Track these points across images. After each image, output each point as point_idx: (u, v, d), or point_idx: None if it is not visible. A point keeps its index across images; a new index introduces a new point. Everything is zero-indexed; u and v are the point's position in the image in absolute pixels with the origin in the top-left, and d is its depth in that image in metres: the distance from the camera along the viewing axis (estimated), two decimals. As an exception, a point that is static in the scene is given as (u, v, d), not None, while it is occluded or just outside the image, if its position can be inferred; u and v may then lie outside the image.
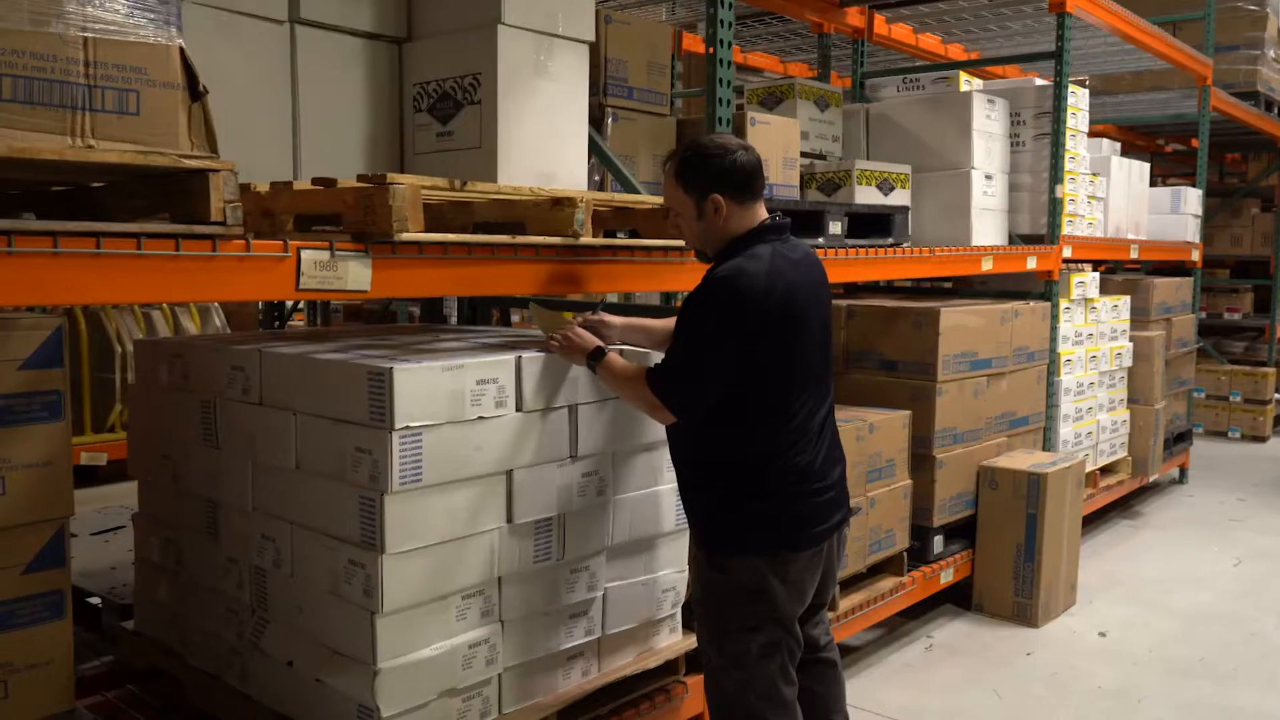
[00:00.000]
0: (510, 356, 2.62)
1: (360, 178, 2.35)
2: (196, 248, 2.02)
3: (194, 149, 2.03)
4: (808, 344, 2.62)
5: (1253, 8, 8.17)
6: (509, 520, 2.65)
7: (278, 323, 5.75)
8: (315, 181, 2.44)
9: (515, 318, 7.57)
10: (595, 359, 2.69)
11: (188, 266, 2.02)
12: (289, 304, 6.74)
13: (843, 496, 2.77)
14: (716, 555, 2.65)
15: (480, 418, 2.54)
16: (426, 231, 2.40)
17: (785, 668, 2.67)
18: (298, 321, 7.52)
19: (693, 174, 2.61)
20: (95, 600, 3.73)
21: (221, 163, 2.03)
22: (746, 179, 2.59)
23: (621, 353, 2.80)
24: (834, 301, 4.99)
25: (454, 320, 5.17)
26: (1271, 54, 8.40)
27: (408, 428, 2.38)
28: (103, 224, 1.90)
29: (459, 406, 2.49)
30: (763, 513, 2.61)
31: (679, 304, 4.05)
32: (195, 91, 2.04)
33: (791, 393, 2.60)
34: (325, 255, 2.24)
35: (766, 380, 2.57)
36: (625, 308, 3.23)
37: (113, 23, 1.91)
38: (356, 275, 2.30)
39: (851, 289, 6.06)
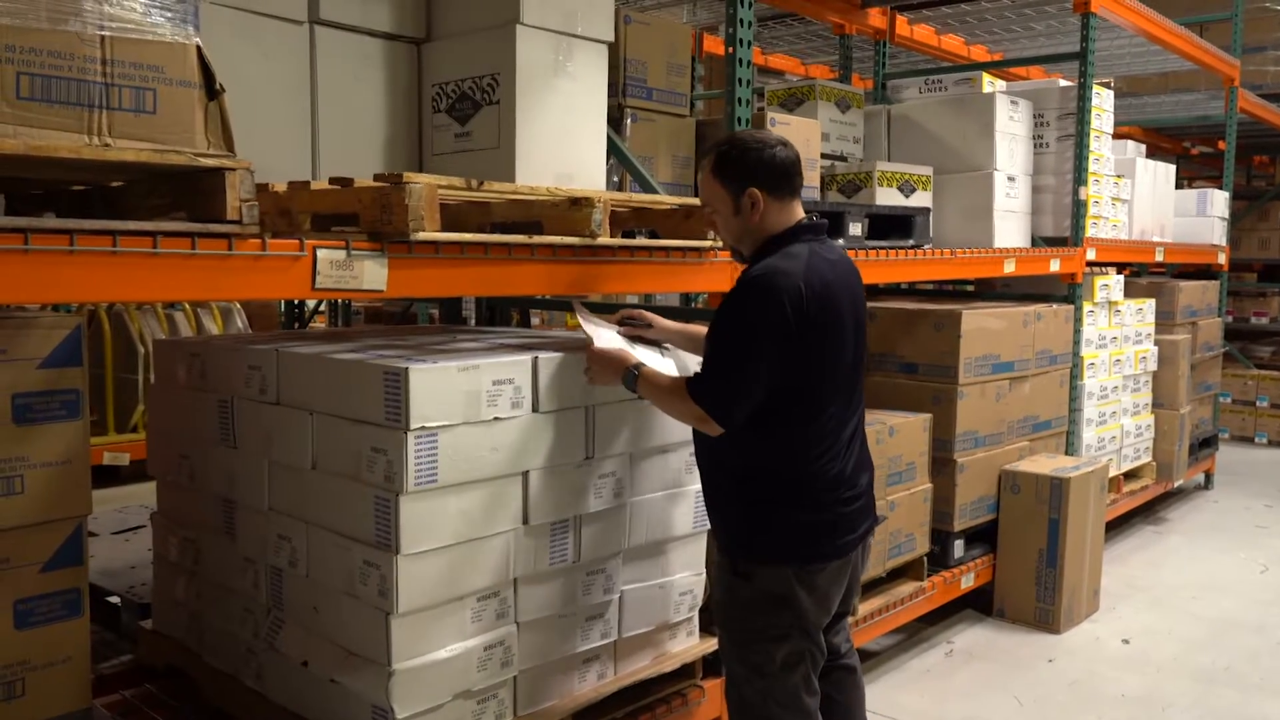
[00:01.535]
0: (526, 357, 2.61)
1: (377, 177, 2.35)
2: (212, 246, 2.02)
3: (210, 148, 2.03)
4: (842, 348, 2.56)
5: (1281, 8, 8.08)
6: (525, 522, 2.64)
7: (298, 323, 5.77)
8: (332, 181, 2.44)
9: (535, 320, 7.57)
10: (631, 378, 2.63)
11: (203, 265, 2.02)
12: (310, 305, 6.77)
13: (871, 504, 2.72)
14: (742, 563, 2.59)
15: (496, 418, 2.53)
16: (444, 231, 2.39)
17: (808, 677, 2.63)
18: (319, 323, 7.55)
19: (730, 168, 2.56)
20: (114, 599, 3.75)
21: (238, 161, 2.03)
22: (785, 174, 2.55)
23: (664, 352, 2.80)
24: (854, 304, 4.97)
25: (473, 322, 5.17)
26: (1300, 55, 8.30)
27: (423, 428, 2.37)
28: (118, 222, 1.90)
29: (474, 407, 2.48)
30: (792, 521, 2.55)
31: (699, 305, 4.02)
32: (212, 90, 2.03)
33: (824, 398, 2.54)
34: (341, 254, 2.23)
35: (800, 385, 2.50)
36: (657, 310, 3.20)
37: (130, 21, 1.91)
38: (372, 275, 2.29)
39: (872, 291, 6.02)
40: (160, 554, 3.19)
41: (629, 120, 3.58)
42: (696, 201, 3.06)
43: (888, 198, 4.37)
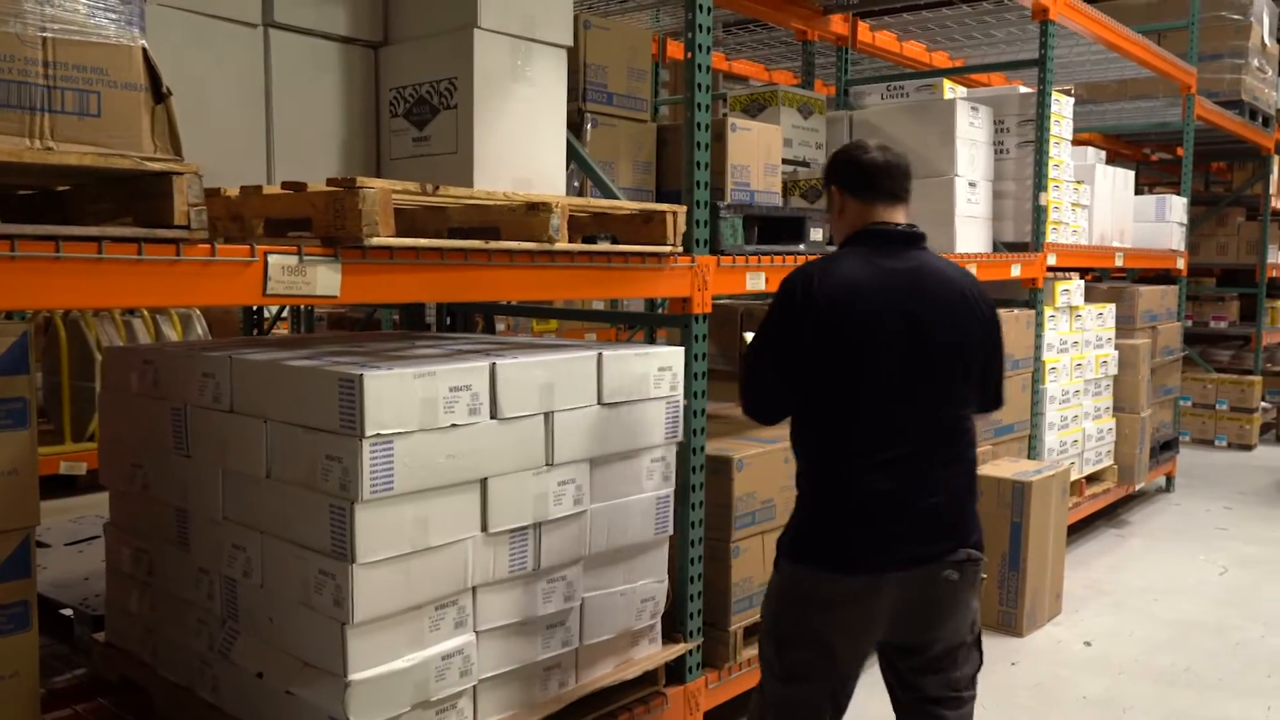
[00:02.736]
0: (484, 363, 2.59)
1: (330, 181, 2.32)
2: (159, 252, 1.99)
3: (157, 151, 2.00)
4: (873, 361, 2.46)
5: (1236, 17, 8.20)
6: (483, 529, 2.62)
7: (257, 330, 5.69)
8: (285, 185, 2.41)
9: (500, 326, 7.53)
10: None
11: (150, 271, 1.98)
12: (271, 311, 6.69)
13: (927, 532, 2.49)
14: (778, 554, 2.63)
15: (453, 425, 2.50)
16: (400, 236, 2.36)
17: (809, 704, 2.58)
18: (282, 330, 7.46)
19: (828, 167, 2.73)
20: (67, 611, 3.68)
21: (185, 165, 2.00)
22: (867, 177, 2.59)
23: None
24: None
25: (434, 328, 5.13)
26: (1255, 63, 8.43)
27: (379, 435, 2.34)
28: (62, 227, 1.87)
29: (431, 414, 2.45)
30: (812, 523, 2.53)
31: (665, 310, 4.01)
32: (159, 93, 2.00)
33: (846, 410, 2.49)
34: (293, 260, 2.20)
35: (817, 390, 2.49)
36: (626, 315, 3.18)
37: (73, 23, 1.87)
38: (326, 280, 2.26)
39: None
40: (113, 565, 3.13)
41: (589, 125, 3.57)
42: (657, 206, 3.06)
43: (850, 203, 4.37)
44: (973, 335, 2.57)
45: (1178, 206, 7.65)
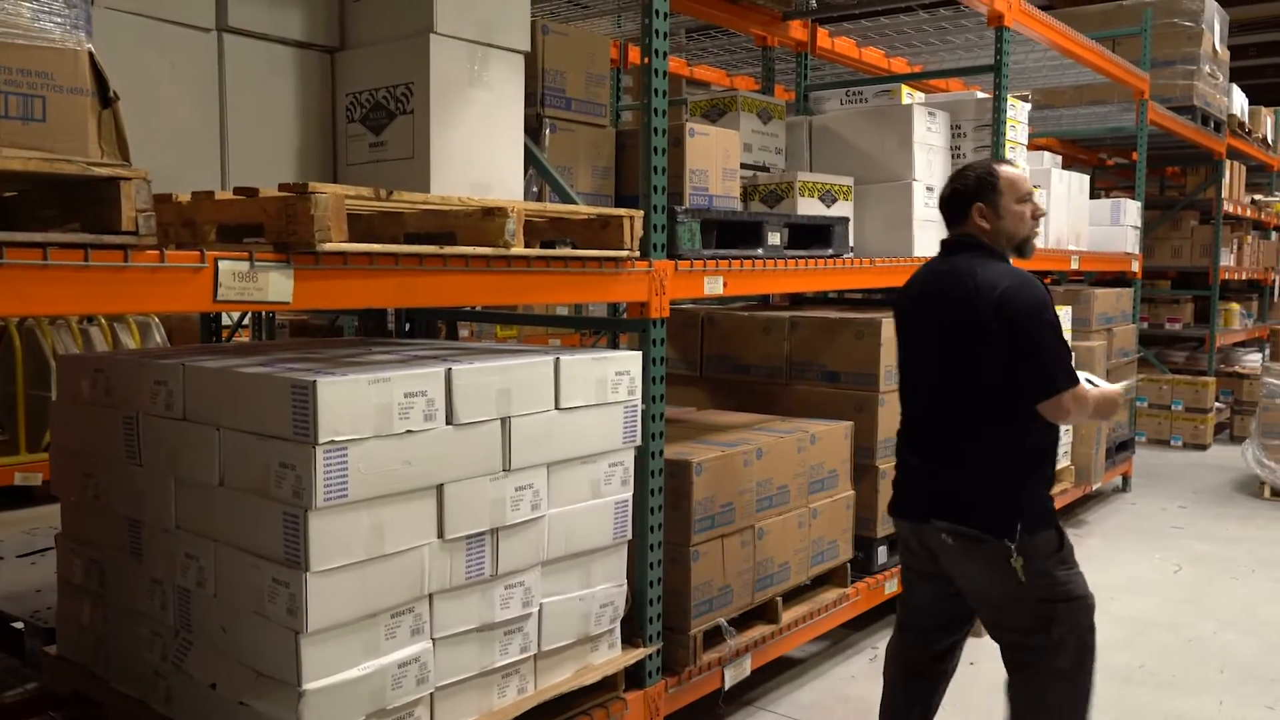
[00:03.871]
0: (440, 368, 2.58)
1: (282, 187, 2.30)
2: (107, 258, 1.96)
3: (104, 156, 1.98)
4: (909, 344, 3.14)
5: (1188, 24, 8.34)
6: (440, 535, 2.61)
7: (216, 338, 5.64)
8: (237, 191, 2.39)
9: (464, 332, 7.49)
10: None
11: (97, 278, 1.96)
12: (233, 319, 6.64)
13: (912, 500, 3.05)
14: None
15: (409, 431, 2.49)
16: (356, 242, 2.35)
17: (897, 623, 3.28)
18: (244, 338, 7.39)
19: None
20: (18, 624, 3.63)
21: (133, 171, 1.97)
22: (942, 205, 3.12)
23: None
24: (776, 314, 5.00)
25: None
26: (1207, 69, 8.58)
27: (332, 442, 2.32)
28: (5, 233, 1.84)
29: (386, 420, 2.44)
30: None
31: (625, 315, 4.01)
32: (105, 97, 1.98)
33: (900, 376, 3.21)
34: (244, 266, 2.18)
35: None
36: (589, 319, 3.18)
37: (16, 26, 1.85)
38: (278, 286, 2.24)
39: (798, 300, 6.08)
40: (65, 577, 3.09)
41: (548, 130, 3.57)
42: (613, 211, 3.06)
43: (809, 208, 4.41)
44: (967, 331, 2.89)
45: (1132, 210, 7.76)
